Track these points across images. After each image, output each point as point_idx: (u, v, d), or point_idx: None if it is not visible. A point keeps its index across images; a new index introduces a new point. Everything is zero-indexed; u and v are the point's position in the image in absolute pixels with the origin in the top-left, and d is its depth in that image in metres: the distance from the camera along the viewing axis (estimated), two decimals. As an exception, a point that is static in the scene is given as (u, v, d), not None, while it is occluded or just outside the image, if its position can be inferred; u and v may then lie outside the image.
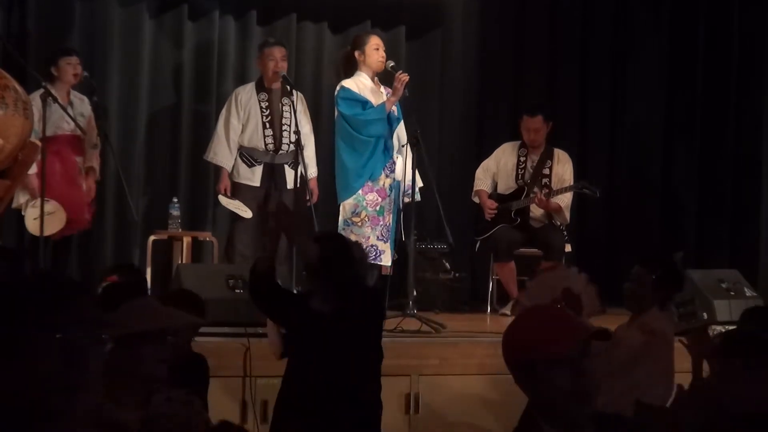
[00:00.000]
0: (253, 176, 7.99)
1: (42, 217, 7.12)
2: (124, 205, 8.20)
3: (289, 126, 7.95)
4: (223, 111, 8.09)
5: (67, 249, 8.07)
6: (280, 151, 7.96)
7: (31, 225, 7.30)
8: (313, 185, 8.06)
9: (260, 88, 8.04)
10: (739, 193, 9.86)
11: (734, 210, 9.88)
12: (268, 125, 7.97)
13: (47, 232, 7.37)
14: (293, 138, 7.87)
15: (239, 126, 7.96)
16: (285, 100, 8.04)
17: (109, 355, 2.82)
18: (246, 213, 7.97)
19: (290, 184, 7.99)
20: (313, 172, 8.11)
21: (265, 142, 7.97)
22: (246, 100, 7.99)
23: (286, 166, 8.02)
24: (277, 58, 7.96)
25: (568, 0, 9.96)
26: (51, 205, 7.43)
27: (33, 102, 7.17)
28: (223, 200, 8.05)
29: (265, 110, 7.99)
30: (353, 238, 7.53)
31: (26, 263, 5.03)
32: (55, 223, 7.47)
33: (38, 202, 7.19)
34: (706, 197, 9.93)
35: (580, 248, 9.15)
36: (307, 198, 7.78)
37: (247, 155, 7.98)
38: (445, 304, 8.56)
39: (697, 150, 9.93)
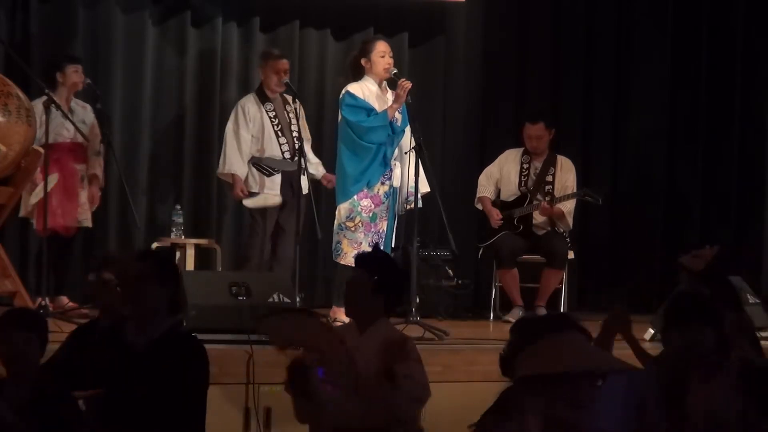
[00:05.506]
0: (273, 185, 8.01)
1: (45, 217, 7.12)
2: (127, 212, 8.21)
3: (298, 132, 7.97)
4: (230, 124, 8.05)
5: (68, 252, 8.04)
6: (296, 158, 7.96)
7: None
8: (329, 177, 8.13)
9: (264, 98, 8.06)
10: (743, 199, 9.85)
11: (738, 216, 9.87)
12: (280, 134, 8.03)
13: None
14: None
15: (249, 137, 7.98)
16: (288, 108, 8.09)
17: None
18: (276, 197, 8.01)
19: (305, 190, 8.00)
20: (322, 169, 8.26)
21: (281, 150, 8.00)
22: (254, 113, 8.02)
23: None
24: (282, 72, 8.02)
25: (572, 6, 9.95)
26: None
27: (35, 109, 7.17)
28: (249, 202, 8.05)
29: (274, 119, 8.03)
30: (346, 242, 7.58)
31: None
32: None
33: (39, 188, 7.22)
34: (710, 203, 9.93)
35: (583, 255, 9.15)
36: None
37: (266, 165, 7.99)
38: (448, 311, 8.54)
39: (701, 156, 9.92)
